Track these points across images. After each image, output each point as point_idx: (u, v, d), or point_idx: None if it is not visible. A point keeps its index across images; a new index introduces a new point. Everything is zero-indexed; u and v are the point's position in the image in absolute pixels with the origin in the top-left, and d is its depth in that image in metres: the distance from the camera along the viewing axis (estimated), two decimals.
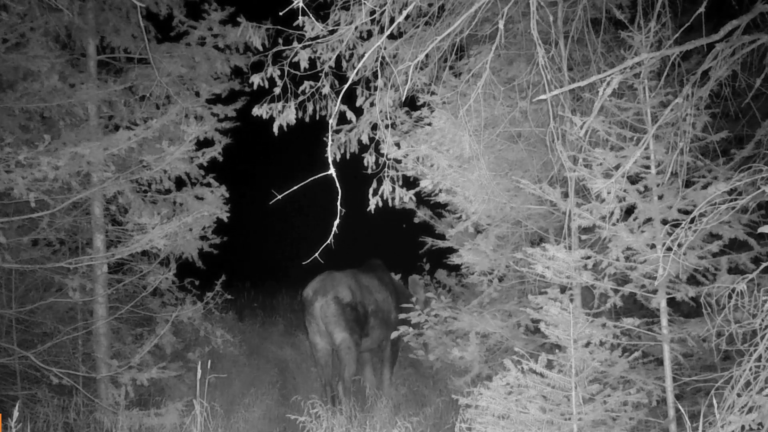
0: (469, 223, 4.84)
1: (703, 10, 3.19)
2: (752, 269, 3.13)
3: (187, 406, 5.25)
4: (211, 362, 4.98)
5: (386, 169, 4.90)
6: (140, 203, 5.72)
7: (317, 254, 3.26)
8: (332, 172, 3.10)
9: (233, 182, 6.55)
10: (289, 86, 4.92)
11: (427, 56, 5.02)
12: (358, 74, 5.11)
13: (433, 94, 4.98)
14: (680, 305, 3.85)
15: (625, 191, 3.59)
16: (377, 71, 4.41)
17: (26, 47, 5.14)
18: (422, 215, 5.93)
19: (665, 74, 3.57)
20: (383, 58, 4.77)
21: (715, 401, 2.98)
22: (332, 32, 4.60)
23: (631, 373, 3.67)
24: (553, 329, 3.43)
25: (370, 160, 5.38)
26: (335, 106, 4.95)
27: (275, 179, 4.53)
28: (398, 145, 5.01)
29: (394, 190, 4.96)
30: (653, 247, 3.55)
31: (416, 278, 6.98)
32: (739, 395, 2.91)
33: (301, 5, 3.21)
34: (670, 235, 3.47)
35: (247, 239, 15.19)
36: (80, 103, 5.43)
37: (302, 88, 5.04)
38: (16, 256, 5.35)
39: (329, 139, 3.34)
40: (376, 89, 5.00)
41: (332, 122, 4.82)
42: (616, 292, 3.75)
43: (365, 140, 5.53)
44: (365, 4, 4.03)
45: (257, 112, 4.99)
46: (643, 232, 3.53)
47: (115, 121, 5.95)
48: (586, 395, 3.37)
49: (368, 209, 4.94)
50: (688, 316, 3.89)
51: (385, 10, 4.09)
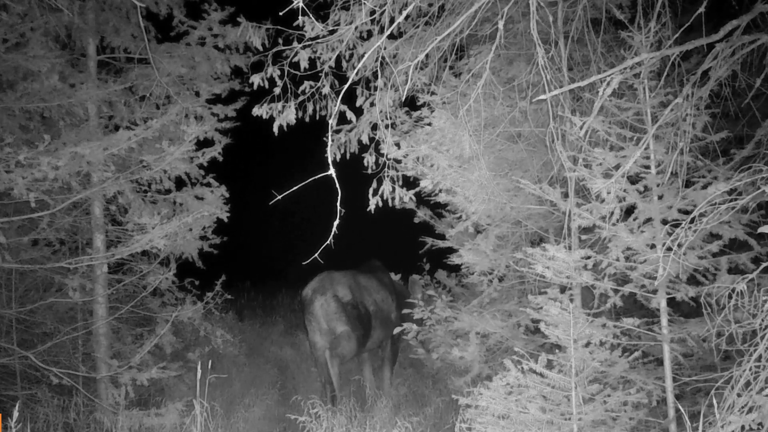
0: (469, 223, 4.84)
1: (703, 10, 3.20)
2: (752, 269, 3.13)
3: (187, 406, 5.25)
4: (211, 362, 4.98)
5: (386, 169, 4.89)
6: (140, 203, 5.72)
7: (317, 254, 3.26)
8: (332, 172, 3.10)
9: (233, 182, 6.55)
10: (289, 86, 4.92)
11: (427, 56, 5.02)
12: (358, 74, 5.11)
13: (433, 94, 4.98)
14: (680, 305, 3.85)
15: (625, 191, 3.59)
16: (377, 71, 4.42)
17: (26, 47, 5.13)
18: (422, 215, 5.93)
19: (665, 74, 3.57)
20: (383, 58, 4.77)
21: (715, 401, 2.98)
22: (332, 32, 4.60)
23: (631, 373, 3.66)
24: (553, 329, 3.43)
25: (370, 160, 5.38)
26: (335, 106, 4.94)
27: (275, 179, 4.53)
28: (398, 145, 5.01)
29: (394, 190, 4.96)
30: (653, 247, 3.55)
31: (416, 278, 6.97)
32: (739, 395, 2.91)
33: (301, 5, 3.21)
34: (670, 235, 3.47)
35: (247, 239, 15.18)
36: (80, 103, 5.43)
37: (302, 88, 5.04)
38: (16, 256, 5.34)
39: (329, 139, 3.34)
40: (376, 89, 5.00)
41: (332, 122, 4.82)
42: (616, 292, 3.75)
43: (365, 140, 5.53)
44: (365, 4, 4.02)
45: (257, 112, 4.99)
46: (643, 232, 3.53)
47: (115, 121, 5.94)
48: (586, 395, 3.37)
49: (368, 209, 4.94)
50: (688, 316, 3.89)
51: (385, 10, 4.09)
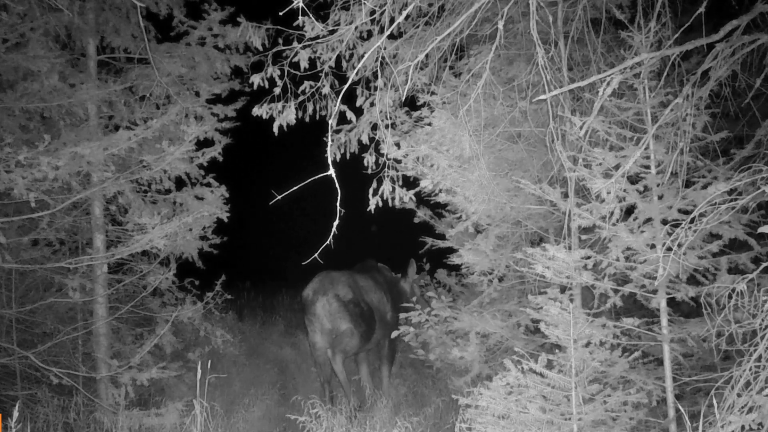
0: (469, 223, 4.84)
1: (703, 10, 3.20)
2: (752, 269, 3.13)
3: (187, 406, 5.25)
4: (211, 362, 4.98)
5: (386, 169, 4.89)
6: (140, 203, 5.72)
7: (317, 254, 3.26)
8: (332, 172, 3.10)
9: (233, 182, 6.55)
10: (289, 86, 4.92)
11: (427, 56, 5.02)
12: (358, 74, 5.11)
13: (433, 94, 4.97)
14: (680, 305, 3.85)
15: (625, 191, 3.59)
16: (377, 71, 4.41)
17: (26, 47, 5.13)
18: (422, 215, 5.93)
19: (665, 74, 3.57)
20: (383, 58, 4.77)
21: (715, 401, 2.98)
22: (332, 32, 4.60)
23: (631, 373, 3.66)
24: (553, 329, 3.43)
25: (370, 160, 5.38)
26: (335, 106, 4.94)
27: (275, 179, 4.53)
28: (398, 145, 5.01)
29: (394, 190, 4.96)
30: (653, 247, 3.55)
31: (412, 261, 7.32)
32: (739, 395, 2.91)
33: (301, 5, 3.21)
34: (670, 235, 3.47)
35: (247, 239, 15.18)
36: (80, 103, 5.43)
37: (302, 88, 5.04)
38: (16, 256, 5.34)
39: (329, 139, 3.34)
40: (376, 89, 4.99)
41: (332, 122, 4.81)
42: (616, 292, 3.75)
43: (365, 140, 5.53)
44: (365, 4, 4.02)
45: (257, 112, 4.99)
46: (643, 232, 3.53)
47: (115, 121, 5.94)
48: (586, 395, 3.37)
49: (368, 209, 4.94)
50: (688, 316, 3.89)
51: (385, 10, 4.09)
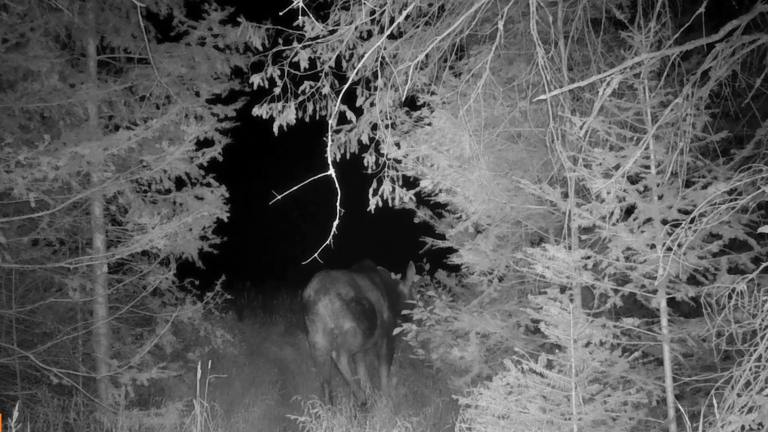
0: (469, 223, 4.84)
1: (702, 10, 3.19)
2: (752, 269, 3.13)
3: (187, 406, 5.25)
4: (211, 362, 4.98)
5: (386, 169, 4.89)
6: (140, 203, 5.72)
7: (317, 254, 3.26)
8: (332, 172, 3.10)
9: (233, 182, 6.55)
10: (289, 86, 4.92)
11: (427, 56, 5.02)
12: (358, 74, 5.11)
13: (433, 94, 4.97)
14: (680, 305, 3.85)
15: (625, 191, 3.58)
16: (377, 71, 4.42)
17: (26, 47, 5.13)
18: (422, 215, 5.94)
19: (665, 74, 3.57)
20: (383, 58, 4.77)
21: (715, 401, 2.98)
22: (332, 32, 4.60)
23: (631, 373, 3.66)
24: (553, 329, 3.43)
25: (370, 160, 5.38)
26: (335, 106, 4.94)
27: (275, 179, 4.53)
28: (398, 145, 5.01)
29: (394, 190, 4.96)
30: (653, 247, 3.55)
31: (411, 263, 7.35)
32: (739, 395, 2.91)
33: (301, 5, 3.21)
34: (670, 235, 3.47)
35: (247, 239, 15.17)
36: (80, 103, 5.43)
37: (302, 88, 5.04)
38: (16, 256, 5.34)
39: (329, 139, 3.34)
40: (376, 89, 4.99)
41: (332, 122, 4.81)
42: (616, 292, 3.75)
43: (365, 140, 5.53)
44: (365, 4, 4.02)
45: (257, 112, 4.99)
46: (643, 232, 3.53)
47: (115, 121, 5.94)
48: (586, 395, 3.37)
49: (368, 209, 4.94)
50: (688, 316, 3.89)
51: (385, 10, 4.09)
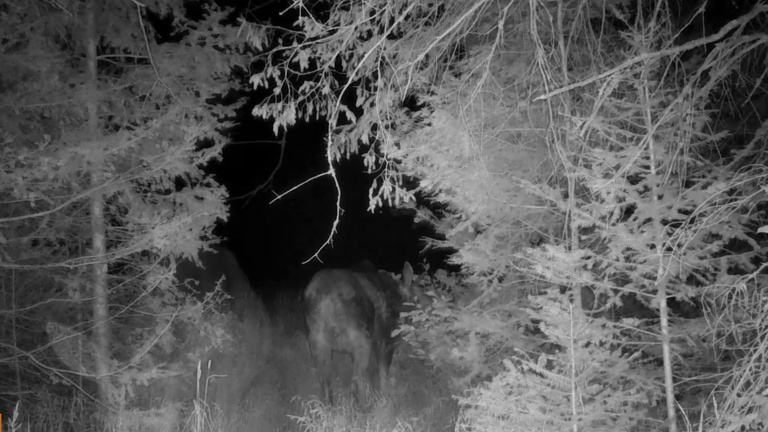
0: (468, 223, 4.83)
1: (702, 9, 3.19)
2: (752, 269, 3.13)
3: (187, 406, 5.25)
4: (210, 362, 4.97)
5: (386, 169, 4.89)
6: (140, 203, 5.71)
7: (317, 254, 3.27)
8: (332, 172, 3.11)
9: (233, 182, 6.54)
10: (289, 86, 4.92)
11: (427, 56, 5.01)
12: (357, 74, 5.10)
13: (432, 94, 4.97)
14: (680, 305, 3.84)
15: (624, 191, 3.58)
16: (377, 71, 4.41)
17: (26, 47, 5.13)
18: (422, 216, 5.94)
19: (665, 74, 3.57)
20: (383, 58, 4.76)
21: (715, 401, 2.98)
22: (332, 32, 4.60)
23: (631, 373, 3.66)
24: (552, 329, 3.43)
25: (370, 160, 5.37)
26: (335, 106, 4.94)
27: (275, 179, 4.53)
28: (398, 145, 5.00)
29: (394, 190, 4.95)
30: (653, 247, 3.55)
31: (407, 264, 7.33)
32: (739, 395, 2.91)
33: (301, 5, 3.21)
34: (670, 235, 3.47)
35: (247, 239, 15.16)
36: (80, 103, 5.42)
37: (302, 88, 5.03)
38: (15, 256, 5.34)
39: (329, 139, 3.34)
40: (375, 89, 4.99)
41: (332, 122, 4.81)
42: (615, 292, 3.74)
43: (365, 140, 5.52)
44: (365, 4, 4.02)
45: (257, 112, 4.98)
46: (642, 232, 3.53)
47: (114, 121, 5.94)
48: (586, 395, 3.37)
49: (368, 209, 4.93)
50: (688, 316, 3.89)
51: (385, 9, 4.09)
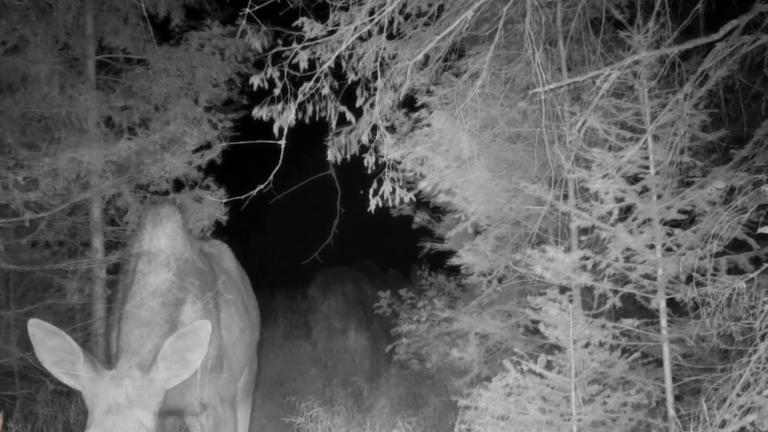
0: (468, 223, 4.83)
1: (701, 7, 3.19)
2: (751, 270, 3.12)
3: None
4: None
5: (386, 169, 4.89)
6: (139, 205, 5.72)
7: (316, 254, 3.27)
8: (332, 172, 3.11)
9: (233, 183, 6.52)
10: (288, 87, 4.91)
11: (427, 57, 5.01)
12: (357, 75, 5.10)
13: (432, 94, 4.97)
14: (680, 305, 3.84)
15: (623, 191, 3.58)
16: (377, 71, 4.41)
17: (25, 50, 5.14)
18: (420, 219, 5.94)
19: (665, 74, 3.57)
20: (383, 58, 4.76)
21: (715, 402, 2.97)
22: (331, 33, 4.60)
23: (630, 373, 3.66)
24: (552, 330, 3.42)
25: (370, 160, 5.37)
26: (335, 107, 4.94)
27: (275, 179, 4.52)
28: (397, 146, 5.00)
29: (394, 191, 4.95)
30: (652, 247, 3.55)
31: (414, 267, 7.51)
32: (739, 395, 2.91)
33: (301, 5, 3.21)
34: (669, 235, 3.47)
35: (247, 239, 15.16)
36: (80, 105, 5.42)
37: (302, 89, 5.03)
38: (15, 257, 5.34)
39: (330, 141, 3.34)
40: (375, 90, 4.99)
41: (332, 123, 4.81)
42: (615, 292, 3.74)
43: (365, 141, 5.52)
44: (365, 3, 4.02)
45: (257, 113, 4.97)
46: (642, 232, 3.52)
47: (114, 122, 5.94)
48: (585, 396, 3.36)
49: (368, 209, 4.93)
50: (687, 316, 3.88)
51: (384, 9, 4.09)
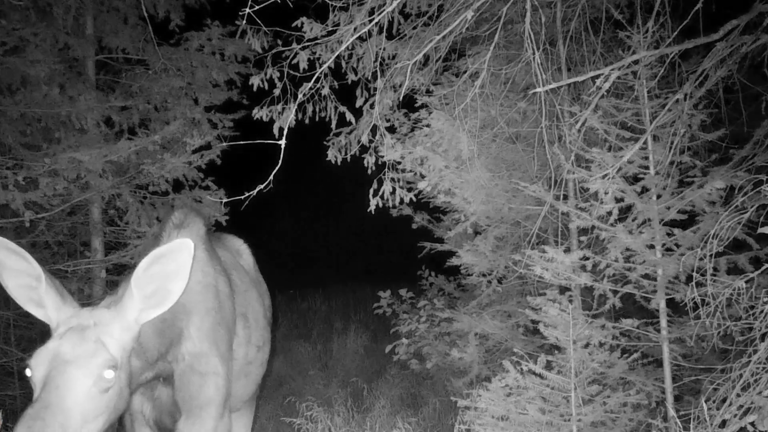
0: (467, 224, 4.83)
1: (700, 6, 3.18)
2: (751, 270, 3.12)
3: None
4: None
5: (386, 170, 4.89)
6: (138, 206, 5.72)
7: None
8: (282, 143, 3.06)
9: (233, 183, 6.52)
10: (288, 88, 4.91)
11: (426, 57, 5.01)
12: (357, 75, 5.10)
13: (431, 94, 4.97)
14: (680, 305, 3.83)
15: (623, 192, 3.57)
16: (376, 72, 4.41)
17: (25, 51, 5.14)
18: (420, 220, 5.94)
19: (664, 74, 3.56)
20: (383, 59, 4.76)
21: (714, 401, 2.97)
22: (331, 33, 4.60)
23: (630, 374, 3.65)
24: (552, 330, 3.42)
25: (370, 161, 5.37)
26: (335, 107, 4.94)
27: (275, 179, 4.51)
28: (397, 146, 5.00)
29: (394, 191, 4.95)
30: (652, 247, 3.54)
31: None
32: (738, 395, 2.90)
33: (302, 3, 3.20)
34: (669, 235, 3.47)
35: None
36: (79, 104, 5.42)
37: (302, 89, 5.03)
38: None
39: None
40: (375, 90, 4.99)
41: (332, 124, 4.80)
42: (615, 293, 3.73)
43: (365, 141, 5.52)
44: (365, 4, 4.02)
45: (258, 114, 4.98)
46: (641, 233, 3.52)
47: (113, 122, 5.94)
48: (585, 396, 3.36)
49: (368, 209, 4.93)
50: (687, 316, 3.87)
51: (384, 9, 4.09)
